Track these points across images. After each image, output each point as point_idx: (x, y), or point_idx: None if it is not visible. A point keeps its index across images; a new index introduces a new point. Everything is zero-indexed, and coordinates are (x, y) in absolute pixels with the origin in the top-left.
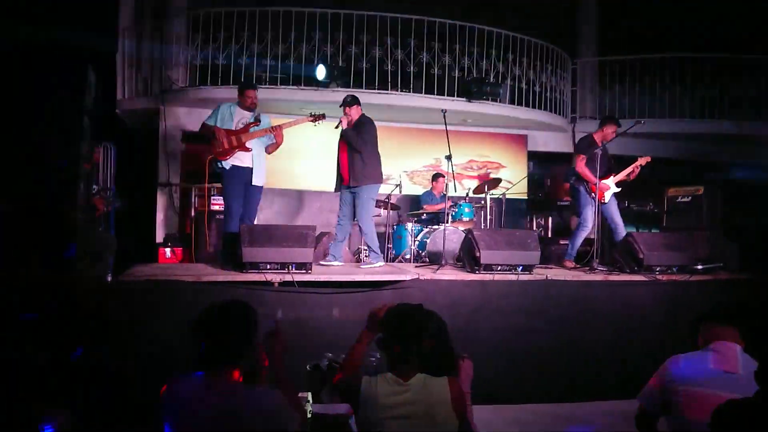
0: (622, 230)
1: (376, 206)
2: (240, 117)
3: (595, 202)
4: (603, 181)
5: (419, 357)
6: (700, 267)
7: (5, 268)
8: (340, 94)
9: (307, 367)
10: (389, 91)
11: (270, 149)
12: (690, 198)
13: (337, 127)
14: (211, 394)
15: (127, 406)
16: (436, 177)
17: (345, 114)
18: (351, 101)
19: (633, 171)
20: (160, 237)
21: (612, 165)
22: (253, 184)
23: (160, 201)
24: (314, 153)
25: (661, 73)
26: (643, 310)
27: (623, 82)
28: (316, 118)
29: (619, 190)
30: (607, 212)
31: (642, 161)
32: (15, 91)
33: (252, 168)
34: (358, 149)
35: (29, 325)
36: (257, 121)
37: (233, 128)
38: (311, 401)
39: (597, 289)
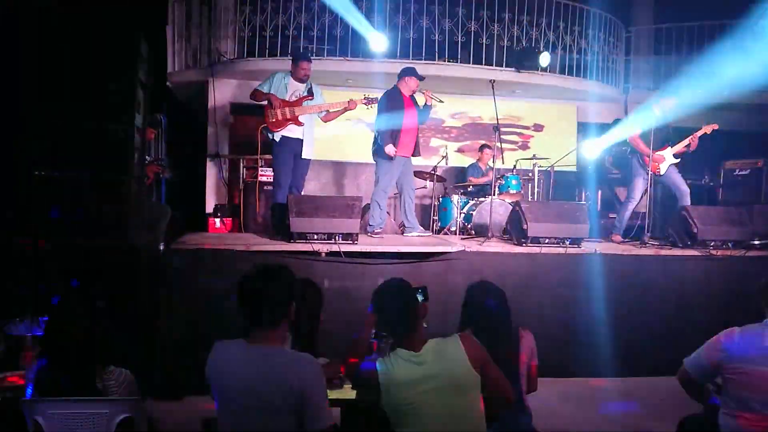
0: (688, 199)
1: (422, 178)
2: (294, 89)
3: (647, 174)
4: (658, 152)
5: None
6: (757, 242)
7: (62, 236)
8: (386, 66)
9: (354, 336)
10: (436, 62)
11: (332, 116)
12: (749, 171)
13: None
14: (250, 356)
15: (178, 369)
16: (482, 148)
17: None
18: None
19: (693, 140)
20: (209, 207)
21: (670, 136)
22: (303, 157)
23: (210, 172)
24: (361, 126)
25: (720, 41)
26: (696, 286)
27: (680, 50)
28: (370, 101)
29: (677, 161)
30: (669, 182)
31: (708, 128)
32: (72, 64)
33: (302, 140)
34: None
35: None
36: (310, 94)
37: (287, 100)
38: None
39: (648, 263)
